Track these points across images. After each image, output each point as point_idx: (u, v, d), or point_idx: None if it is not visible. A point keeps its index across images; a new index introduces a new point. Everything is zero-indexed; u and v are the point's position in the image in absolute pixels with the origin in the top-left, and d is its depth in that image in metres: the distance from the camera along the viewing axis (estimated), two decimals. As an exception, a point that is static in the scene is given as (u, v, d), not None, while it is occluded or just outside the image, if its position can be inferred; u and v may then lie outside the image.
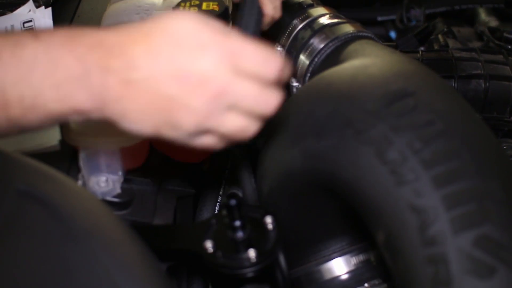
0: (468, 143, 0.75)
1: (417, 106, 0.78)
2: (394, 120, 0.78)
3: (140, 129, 0.72)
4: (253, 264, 0.85)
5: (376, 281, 0.97)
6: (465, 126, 0.78)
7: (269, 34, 1.21)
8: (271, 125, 0.98)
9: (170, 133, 0.73)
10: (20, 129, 0.70)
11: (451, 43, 1.35)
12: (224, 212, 0.87)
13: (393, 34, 1.68)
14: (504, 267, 0.67)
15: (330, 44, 1.04)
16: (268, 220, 0.88)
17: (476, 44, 1.42)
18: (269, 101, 0.73)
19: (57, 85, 0.69)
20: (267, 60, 0.72)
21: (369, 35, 1.05)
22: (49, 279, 0.73)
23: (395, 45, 1.43)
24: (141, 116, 0.71)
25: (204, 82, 0.70)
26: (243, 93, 0.72)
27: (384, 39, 1.56)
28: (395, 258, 0.74)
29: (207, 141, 0.75)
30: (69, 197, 0.81)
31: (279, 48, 1.14)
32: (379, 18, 1.69)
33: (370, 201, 0.77)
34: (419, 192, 0.72)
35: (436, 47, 1.36)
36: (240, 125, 0.73)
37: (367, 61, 0.91)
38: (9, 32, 0.69)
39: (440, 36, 1.37)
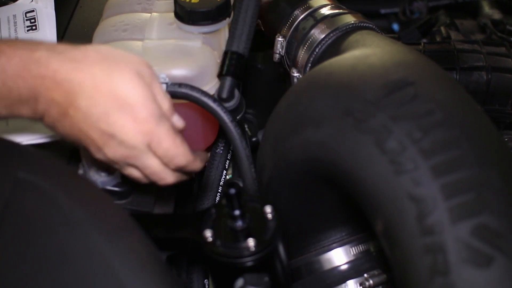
0: (467, 133, 0.75)
1: (417, 96, 0.78)
2: (394, 110, 0.78)
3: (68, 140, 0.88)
4: (252, 253, 0.85)
5: (375, 272, 0.97)
6: (465, 116, 0.78)
7: (270, 25, 1.21)
8: (271, 115, 0.98)
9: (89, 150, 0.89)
10: None
11: (453, 35, 1.35)
12: (224, 201, 0.87)
13: (396, 27, 1.67)
14: (502, 256, 0.67)
15: (331, 35, 1.04)
16: (268, 209, 0.88)
17: (479, 37, 1.42)
18: (164, 178, 0.92)
19: (10, 106, 0.84)
20: (175, 155, 0.89)
21: (370, 25, 1.05)
22: (47, 267, 0.74)
23: (398, 37, 1.43)
24: (68, 135, 0.87)
25: (121, 144, 0.86)
26: (146, 164, 0.89)
27: (387, 32, 1.56)
28: (393, 247, 0.74)
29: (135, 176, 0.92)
30: (69, 185, 0.81)
31: (280, 39, 1.14)
32: (382, 11, 1.69)
33: (369, 190, 0.77)
34: (417, 182, 0.72)
35: (438, 39, 1.36)
36: (138, 177, 0.92)
37: (368, 51, 0.91)
38: None
39: (442, 28, 1.37)
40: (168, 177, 0.92)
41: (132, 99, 0.85)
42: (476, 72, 1.19)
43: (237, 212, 0.85)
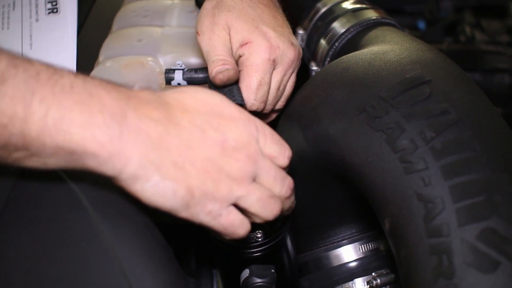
0: (481, 135, 0.74)
1: (432, 94, 0.77)
2: (408, 108, 0.77)
3: (172, 190, 0.67)
4: (259, 245, 0.85)
5: (383, 271, 0.96)
6: (480, 117, 0.76)
7: (292, 17, 1.20)
8: (287, 108, 0.98)
9: (200, 200, 0.69)
10: (23, 156, 0.65)
11: (478, 36, 1.34)
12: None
13: (421, 25, 1.66)
14: (508, 262, 0.65)
15: (351, 29, 1.03)
16: None
17: (505, 38, 1.40)
18: (286, 181, 0.76)
19: (88, 113, 0.64)
20: (282, 145, 0.77)
21: (392, 22, 1.04)
22: (51, 247, 0.74)
23: (421, 36, 1.42)
24: (177, 171, 0.67)
25: (239, 147, 0.71)
26: (266, 166, 0.73)
27: (412, 29, 1.54)
28: (399, 246, 0.74)
29: (233, 218, 0.72)
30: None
31: (301, 32, 1.13)
32: (408, 9, 1.67)
33: (378, 188, 0.76)
34: (427, 182, 0.71)
35: (462, 39, 1.34)
36: (263, 198, 0.72)
37: (386, 47, 0.89)
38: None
39: (467, 29, 1.36)
40: (288, 177, 0.77)
41: (217, 102, 0.73)
42: (498, 74, 1.17)
43: (245, 203, 0.85)
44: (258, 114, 0.95)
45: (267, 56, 0.91)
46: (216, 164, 0.69)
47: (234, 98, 0.89)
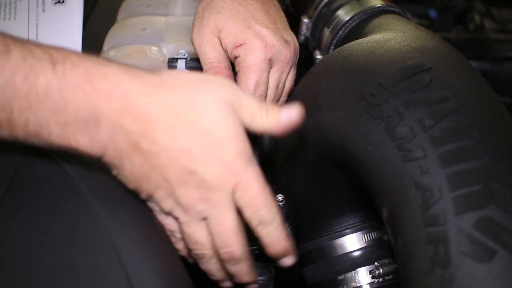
0: (480, 123, 0.73)
1: (432, 82, 0.76)
2: (407, 95, 0.76)
3: (130, 186, 0.74)
4: (258, 243, 0.85)
5: (386, 260, 0.95)
6: (480, 105, 0.75)
7: (297, 6, 1.20)
8: (290, 96, 0.97)
9: (155, 199, 0.74)
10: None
11: (488, 24, 1.32)
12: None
13: (432, 13, 1.64)
14: (504, 251, 0.65)
15: (355, 18, 1.02)
16: (279, 198, 0.88)
17: (516, 27, 1.38)
18: (232, 244, 0.74)
19: (63, 124, 0.69)
20: (262, 206, 0.73)
21: (397, 10, 1.03)
22: (52, 234, 0.75)
23: (431, 24, 1.40)
24: (131, 177, 0.73)
25: (201, 185, 0.71)
26: (223, 217, 0.73)
27: (423, 18, 1.53)
28: (396, 235, 0.73)
29: (168, 221, 0.77)
30: (77, 155, 0.81)
31: (306, 20, 1.12)
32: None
33: (377, 176, 0.76)
34: (425, 170, 0.71)
35: (472, 28, 1.33)
36: (198, 239, 0.75)
37: (388, 35, 0.89)
38: (29, 45, 0.69)
39: (476, 17, 1.34)
40: (236, 246, 0.74)
41: (218, 136, 0.71)
42: (507, 63, 1.16)
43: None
44: None
45: (262, 56, 0.90)
46: (170, 187, 0.72)
47: None
